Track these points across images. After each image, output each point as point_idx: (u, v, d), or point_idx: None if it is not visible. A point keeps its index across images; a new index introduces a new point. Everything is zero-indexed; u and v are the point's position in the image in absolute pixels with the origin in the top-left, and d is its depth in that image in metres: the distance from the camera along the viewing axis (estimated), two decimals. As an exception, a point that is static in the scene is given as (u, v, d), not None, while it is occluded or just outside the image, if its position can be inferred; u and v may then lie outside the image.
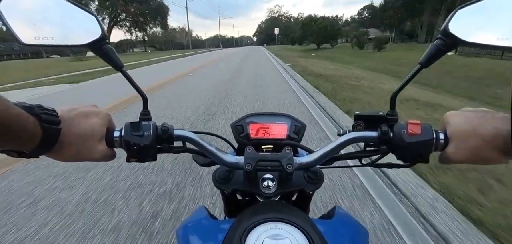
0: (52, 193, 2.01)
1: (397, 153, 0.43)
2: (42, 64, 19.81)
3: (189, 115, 4.06)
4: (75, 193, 2.00)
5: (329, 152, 0.45)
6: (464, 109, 0.41)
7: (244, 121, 0.52)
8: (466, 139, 0.38)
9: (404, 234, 1.49)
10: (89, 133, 0.39)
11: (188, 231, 0.44)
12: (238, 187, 0.48)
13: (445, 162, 0.42)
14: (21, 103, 0.31)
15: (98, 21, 0.42)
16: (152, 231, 1.57)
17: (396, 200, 1.79)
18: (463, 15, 0.39)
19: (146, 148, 0.42)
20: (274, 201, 0.47)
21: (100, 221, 1.67)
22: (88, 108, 0.40)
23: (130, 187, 2.04)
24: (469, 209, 1.64)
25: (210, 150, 0.47)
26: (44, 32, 0.38)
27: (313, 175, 0.48)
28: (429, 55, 0.41)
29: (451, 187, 1.86)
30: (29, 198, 1.95)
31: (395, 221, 1.60)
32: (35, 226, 1.65)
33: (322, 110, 4.08)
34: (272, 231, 0.34)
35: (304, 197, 0.54)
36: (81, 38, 0.41)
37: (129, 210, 1.77)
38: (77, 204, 1.86)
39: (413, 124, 0.41)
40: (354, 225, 0.45)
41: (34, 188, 2.08)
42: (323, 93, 5.25)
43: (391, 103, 0.46)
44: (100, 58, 0.42)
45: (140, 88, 0.47)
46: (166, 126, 0.44)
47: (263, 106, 4.51)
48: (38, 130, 0.32)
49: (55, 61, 26.54)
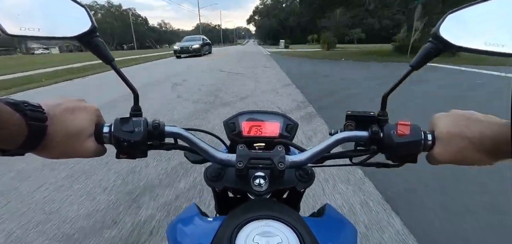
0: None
1: (387, 153, 0.44)
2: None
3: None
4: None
5: (320, 151, 0.46)
6: (452, 111, 0.41)
7: (237, 119, 0.52)
8: (452, 141, 0.39)
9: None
10: (77, 129, 0.37)
11: (178, 229, 0.43)
12: (230, 184, 0.47)
13: (432, 163, 0.43)
14: (5, 99, 0.30)
15: (88, 13, 0.41)
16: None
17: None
18: (453, 19, 0.40)
19: (137, 144, 0.41)
20: (265, 199, 0.48)
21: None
22: (75, 103, 0.39)
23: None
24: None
25: (202, 147, 0.46)
26: (30, 23, 0.36)
27: (305, 173, 0.48)
28: (420, 58, 0.41)
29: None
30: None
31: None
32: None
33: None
34: (263, 228, 0.35)
35: (295, 195, 0.55)
36: (69, 30, 0.40)
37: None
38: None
39: (402, 125, 0.42)
40: (343, 223, 0.45)
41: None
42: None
43: (382, 104, 0.46)
44: (90, 51, 0.41)
45: (131, 83, 0.46)
46: (157, 122, 0.44)
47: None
48: (24, 127, 0.31)
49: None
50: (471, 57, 9.02)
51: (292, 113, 3.89)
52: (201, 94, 5.50)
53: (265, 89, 5.91)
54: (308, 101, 4.70)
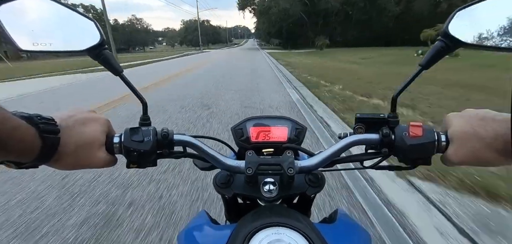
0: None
1: (399, 156, 0.43)
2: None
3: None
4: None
5: (330, 156, 0.45)
6: (466, 111, 0.40)
7: (245, 125, 0.52)
8: (466, 141, 0.38)
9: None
10: (88, 141, 0.38)
11: (189, 237, 0.43)
12: (239, 191, 0.47)
13: (446, 164, 0.41)
14: (19, 113, 0.31)
15: (97, 26, 0.42)
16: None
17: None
18: (462, 16, 0.39)
19: (146, 153, 0.42)
20: (275, 205, 0.47)
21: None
22: (86, 114, 0.40)
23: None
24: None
25: (211, 154, 0.46)
26: (42, 38, 0.38)
27: (315, 178, 0.48)
28: (430, 57, 0.41)
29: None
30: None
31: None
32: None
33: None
34: (274, 236, 0.34)
35: (305, 201, 0.54)
36: (79, 43, 0.41)
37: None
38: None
39: (414, 126, 0.41)
40: (356, 229, 0.44)
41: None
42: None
43: (392, 105, 0.45)
44: (99, 64, 0.42)
45: (140, 93, 0.47)
46: (166, 131, 0.44)
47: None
48: (37, 140, 0.31)
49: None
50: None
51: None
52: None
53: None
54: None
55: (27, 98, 6.72)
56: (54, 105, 5.63)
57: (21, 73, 13.61)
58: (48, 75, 12.34)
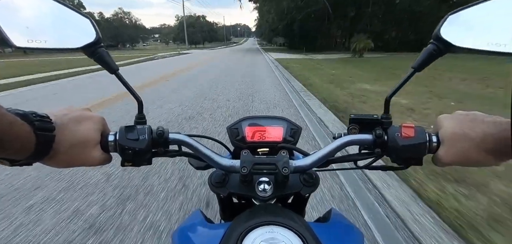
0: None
1: (392, 156, 0.44)
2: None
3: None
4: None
5: (325, 155, 0.45)
6: (456, 113, 0.41)
7: (240, 124, 0.52)
8: (456, 142, 0.38)
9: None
10: (83, 139, 0.38)
11: (184, 236, 0.43)
12: (234, 190, 0.47)
13: (437, 164, 0.42)
14: (14, 110, 0.31)
15: (93, 24, 0.41)
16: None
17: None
18: (454, 20, 0.40)
19: (141, 152, 0.42)
20: (270, 205, 0.47)
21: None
22: (81, 112, 0.40)
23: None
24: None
25: (206, 153, 0.46)
26: (37, 35, 0.37)
27: (309, 178, 0.48)
28: (422, 60, 0.41)
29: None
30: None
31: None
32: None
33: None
34: (268, 234, 0.34)
35: (300, 200, 0.54)
36: (75, 41, 0.40)
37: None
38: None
39: (407, 127, 0.42)
40: (349, 228, 0.45)
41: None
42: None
43: (385, 106, 0.46)
44: (94, 61, 0.42)
45: (135, 92, 0.46)
46: (161, 130, 0.44)
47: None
48: (32, 138, 0.31)
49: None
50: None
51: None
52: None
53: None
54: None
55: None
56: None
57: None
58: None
